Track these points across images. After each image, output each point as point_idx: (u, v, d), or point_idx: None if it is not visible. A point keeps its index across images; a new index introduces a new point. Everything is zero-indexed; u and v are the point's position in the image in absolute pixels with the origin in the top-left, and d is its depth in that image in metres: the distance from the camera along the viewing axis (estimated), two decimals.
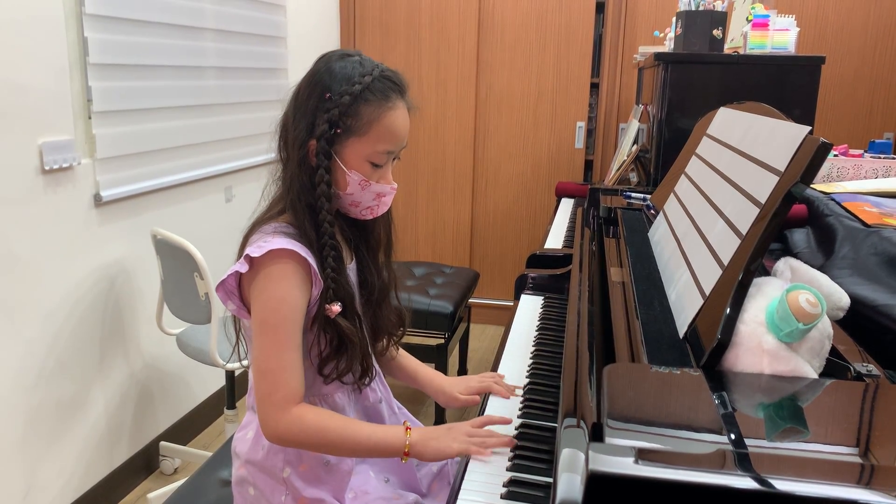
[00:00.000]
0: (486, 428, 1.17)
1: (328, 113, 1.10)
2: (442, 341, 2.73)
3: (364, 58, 1.15)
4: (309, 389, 1.18)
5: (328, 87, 1.10)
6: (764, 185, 0.99)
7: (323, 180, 1.11)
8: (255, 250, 1.08)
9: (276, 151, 1.18)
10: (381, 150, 1.13)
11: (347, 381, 1.21)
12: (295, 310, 1.10)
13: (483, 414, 1.26)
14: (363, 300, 1.26)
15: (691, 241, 1.21)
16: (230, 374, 2.34)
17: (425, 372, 1.39)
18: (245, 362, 2.19)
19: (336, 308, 1.13)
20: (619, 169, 2.79)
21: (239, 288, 1.14)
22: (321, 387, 1.20)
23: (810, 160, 0.89)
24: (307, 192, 1.13)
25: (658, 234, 1.52)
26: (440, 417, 2.65)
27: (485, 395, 1.34)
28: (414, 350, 1.55)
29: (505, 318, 2.00)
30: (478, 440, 1.12)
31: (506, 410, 1.26)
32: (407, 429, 1.14)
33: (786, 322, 0.83)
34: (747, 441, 0.72)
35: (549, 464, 1.07)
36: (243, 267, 1.10)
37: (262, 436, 1.21)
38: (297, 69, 3.38)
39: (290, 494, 1.20)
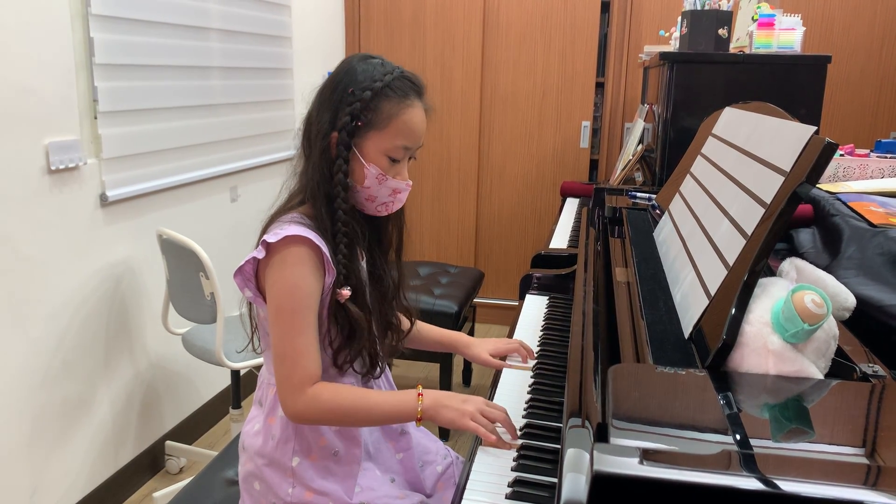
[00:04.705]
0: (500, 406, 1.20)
1: (350, 106, 1.16)
2: None
3: (385, 60, 1.22)
4: (323, 374, 1.22)
5: (351, 82, 1.17)
6: (769, 185, 0.99)
7: (341, 170, 1.17)
8: (271, 237, 1.14)
9: (300, 146, 1.24)
10: (398, 145, 1.19)
11: (358, 370, 1.25)
12: (310, 295, 1.15)
13: (495, 392, 1.33)
14: (373, 297, 1.29)
15: (696, 242, 1.21)
16: (236, 374, 2.34)
17: (450, 333, 1.49)
18: (257, 361, 2.19)
19: (346, 292, 1.18)
20: (624, 169, 2.78)
21: (255, 276, 1.19)
22: (333, 375, 1.24)
23: (816, 160, 0.89)
24: (326, 182, 1.18)
25: (663, 234, 1.52)
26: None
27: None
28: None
29: (510, 317, 2.00)
30: (489, 424, 1.14)
31: (512, 409, 1.26)
32: (419, 395, 1.17)
33: (791, 322, 0.83)
34: (753, 442, 0.72)
35: (554, 464, 1.07)
36: (260, 253, 1.15)
37: (270, 426, 1.25)
38: (303, 69, 3.38)
39: (299, 486, 1.22)
